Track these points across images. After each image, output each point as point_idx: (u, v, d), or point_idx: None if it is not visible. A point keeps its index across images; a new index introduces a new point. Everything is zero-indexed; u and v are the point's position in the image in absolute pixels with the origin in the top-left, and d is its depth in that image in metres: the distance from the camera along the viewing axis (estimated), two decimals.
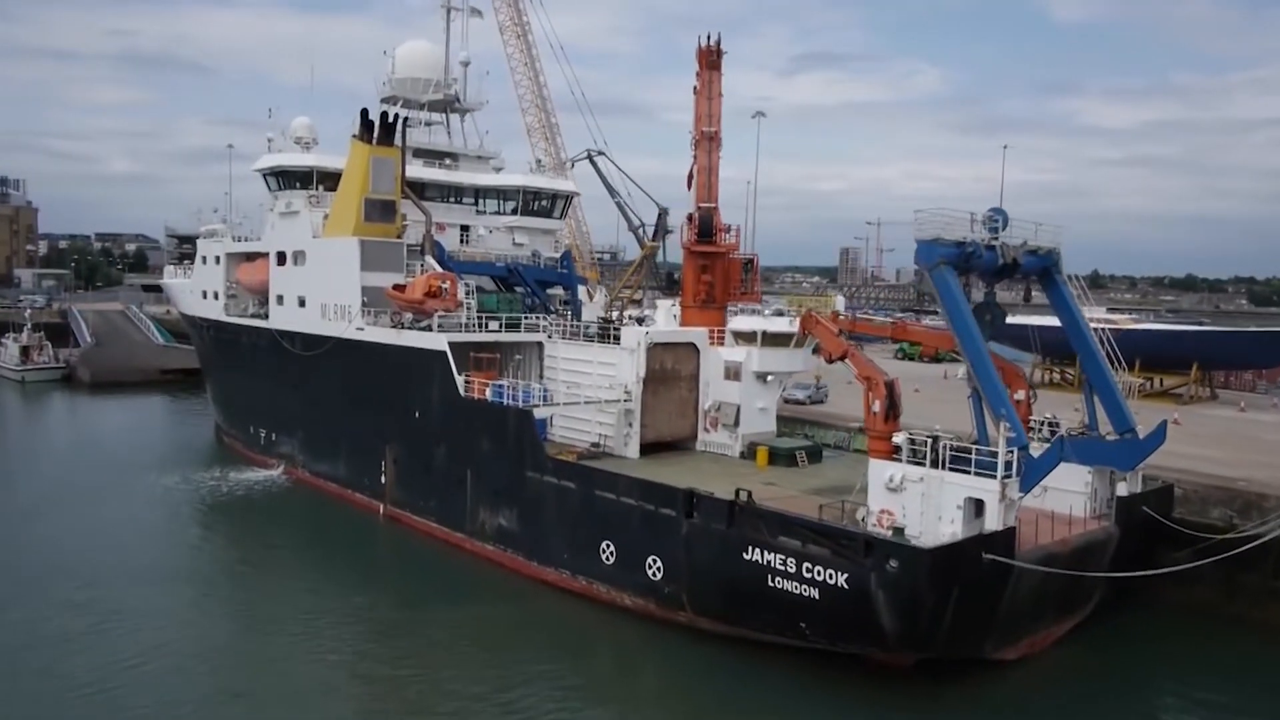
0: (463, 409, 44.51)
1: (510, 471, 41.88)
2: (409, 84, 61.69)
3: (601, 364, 46.46)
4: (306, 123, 60.88)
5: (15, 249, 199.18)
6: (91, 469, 60.83)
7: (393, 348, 49.03)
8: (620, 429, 44.99)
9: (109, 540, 45.05)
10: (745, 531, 32.26)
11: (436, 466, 46.46)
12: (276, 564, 43.43)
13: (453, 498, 45.22)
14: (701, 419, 47.48)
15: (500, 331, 48.59)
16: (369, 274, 52.25)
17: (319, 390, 56.06)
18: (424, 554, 45.50)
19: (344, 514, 51.92)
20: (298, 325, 57.64)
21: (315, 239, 56.67)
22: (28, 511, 49.78)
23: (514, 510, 41.84)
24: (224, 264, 67.61)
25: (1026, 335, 57.62)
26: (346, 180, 53.86)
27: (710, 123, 50.87)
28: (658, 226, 68.99)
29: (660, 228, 67.78)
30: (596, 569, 37.68)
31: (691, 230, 49.18)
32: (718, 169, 50.97)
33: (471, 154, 65.27)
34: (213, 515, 50.99)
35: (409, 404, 48.13)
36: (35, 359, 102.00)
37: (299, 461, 58.38)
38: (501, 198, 63.59)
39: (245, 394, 65.73)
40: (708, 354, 47.29)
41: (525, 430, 41.13)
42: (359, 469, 52.56)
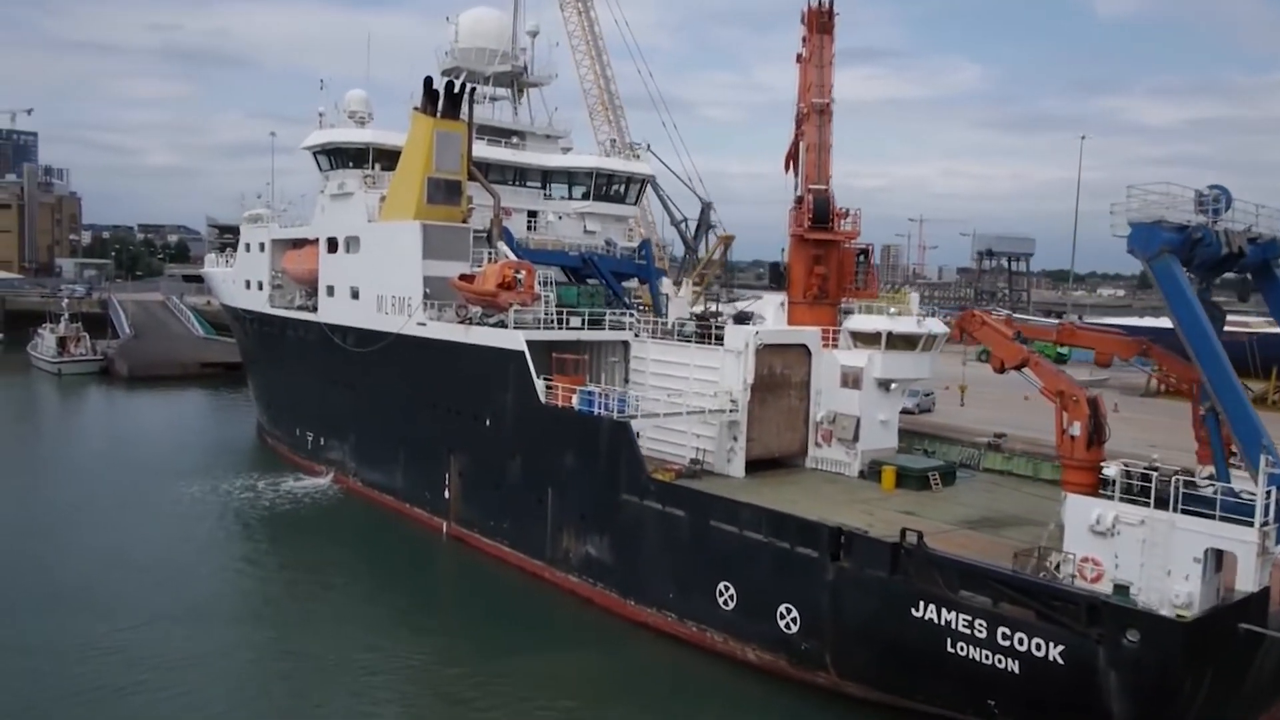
0: (543, 418, 38.55)
1: (601, 493, 35.89)
2: (473, 54, 55.88)
3: (700, 368, 40.40)
4: (362, 96, 55.20)
5: (58, 238, 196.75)
6: (124, 473, 55.73)
7: (460, 346, 43.20)
8: (723, 443, 38.93)
9: (137, 562, 39.65)
10: (914, 582, 26.02)
11: (510, 482, 40.58)
12: (327, 595, 37.68)
13: (530, 520, 39.32)
14: (812, 432, 41.26)
15: (583, 329, 42.54)
16: (431, 262, 46.47)
17: (373, 391, 50.43)
18: (496, 584, 39.67)
19: (402, 532, 46.25)
20: (350, 319, 52.04)
21: (371, 223, 50.99)
22: (52, 523, 44.63)
23: (605, 538, 35.84)
24: (269, 251, 62.25)
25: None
26: (407, 157, 48.09)
27: (822, 93, 44.59)
28: (700, 221, 63.24)
29: (703, 222, 62.10)
30: (712, 614, 31.60)
31: (802, 215, 42.86)
32: (830, 146, 44.74)
33: (539, 132, 59.42)
34: (254, 532, 45.45)
35: (478, 409, 42.27)
36: (72, 350, 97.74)
37: (350, 469, 52.82)
38: (570, 181, 57.72)
39: (291, 393, 60.33)
40: (820, 358, 41.06)
41: (622, 446, 35.07)
42: (419, 481, 46.83)
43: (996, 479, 41.57)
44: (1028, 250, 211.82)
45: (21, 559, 39.16)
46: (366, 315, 50.33)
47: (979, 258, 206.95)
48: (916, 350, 40.75)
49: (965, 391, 54.03)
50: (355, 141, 52.64)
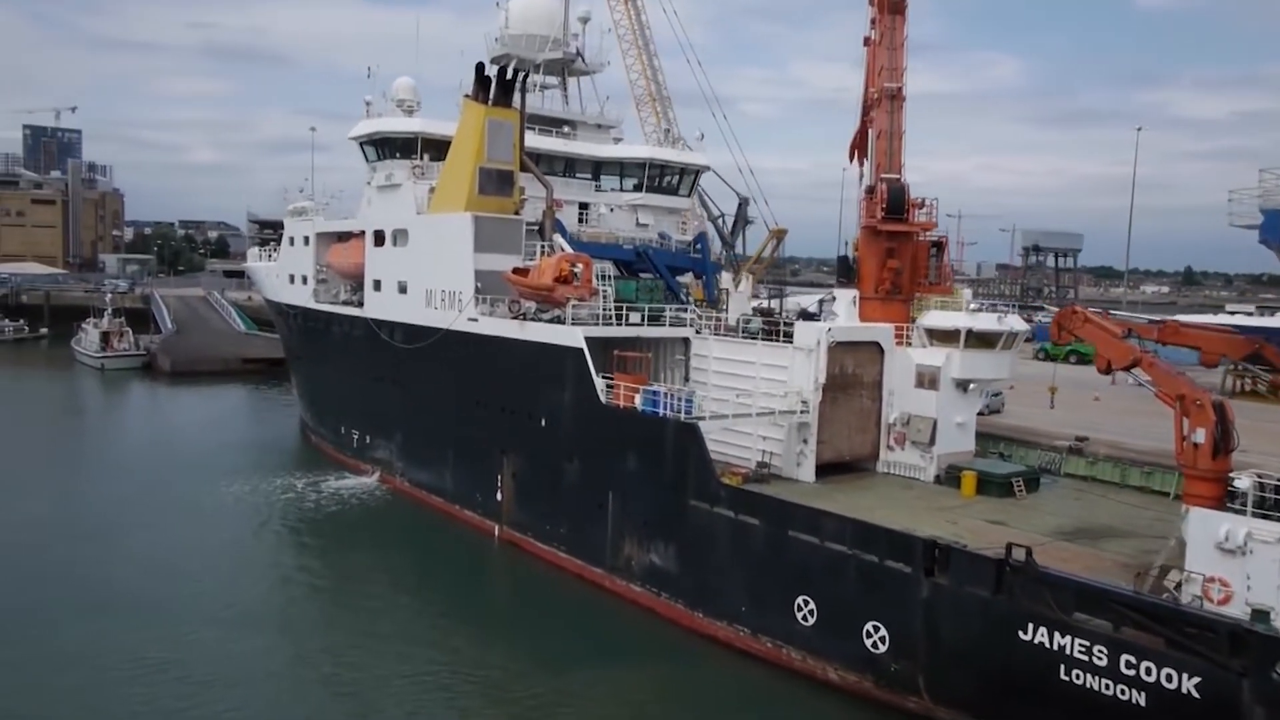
0: (604, 419, 36.65)
1: (667, 498, 33.94)
2: (523, 41, 54.11)
3: (767, 366, 38.31)
4: (410, 84, 53.54)
5: (101, 234, 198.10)
6: (167, 471, 54.58)
7: (514, 342, 41.42)
8: (792, 446, 36.82)
9: (181, 567, 38.17)
10: (1021, 602, 23.79)
11: (567, 486, 38.75)
12: (377, 602, 36.02)
13: (589, 525, 37.48)
14: (884, 434, 39.05)
15: (642, 325, 40.56)
16: (483, 255, 44.75)
17: (422, 389, 48.84)
18: (552, 592, 37.84)
19: (452, 535, 44.58)
20: (398, 314, 50.50)
21: (419, 215, 49.39)
22: (94, 525, 43.30)
23: (671, 546, 33.90)
24: (313, 245, 60.91)
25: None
26: (458, 146, 46.40)
27: (893, 77, 42.32)
28: (738, 217, 61.17)
29: (741, 218, 60.02)
30: (789, 630, 29.55)
31: (874, 205, 40.64)
32: (902, 133, 42.46)
33: (590, 122, 57.60)
34: (300, 535, 43.99)
35: (532, 409, 40.48)
36: (115, 345, 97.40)
37: (397, 469, 51.29)
38: (622, 172, 55.83)
39: (336, 390, 58.96)
40: (893, 356, 38.83)
41: (690, 449, 33.07)
42: (469, 482, 45.15)
43: (1081, 485, 39.14)
44: (1075, 246, 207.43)
45: (65, 563, 37.92)
46: (415, 310, 48.74)
47: (1025, 253, 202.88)
48: (996, 349, 38.46)
49: (1055, 393, 50.08)
50: (404, 131, 51.04)
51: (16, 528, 42.15)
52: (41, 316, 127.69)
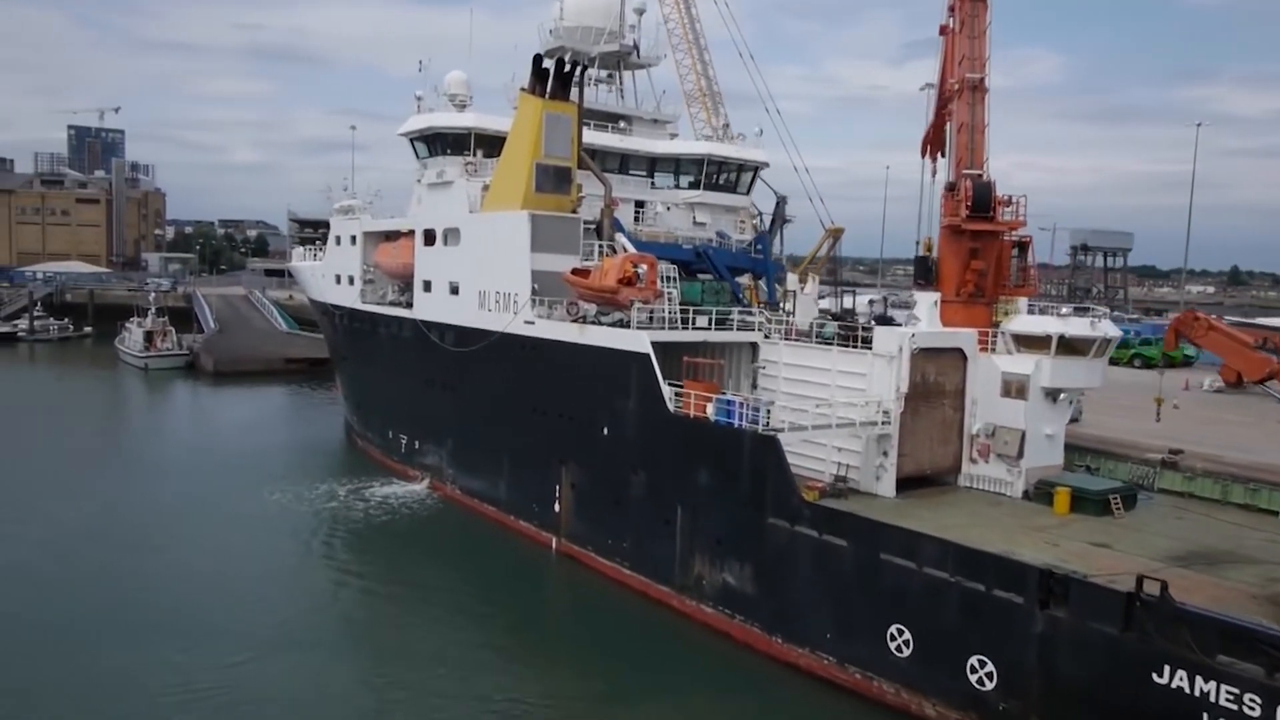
0: (673, 429, 34.66)
1: (743, 515, 31.90)
2: (578, 33, 52.30)
3: (843, 373, 36.15)
4: (462, 78, 51.88)
5: (144, 233, 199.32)
6: (210, 476, 53.35)
7: (574, 347, 39.55)
8: (871, 459, 34.61)
9: (226, 580, 36.76)
10: (1156, 641, 21.50)
11: (632, 499, 36.81)
12: (430, 619, 34.33)
13: (655, 541, 35.54)
14: (967, 446, 36.75)
15: (709, 329, 38.55)
16: (540, 255, 42.94)
17: (474, 393, 47.15)
18: (615, 610, 35.96)
19: (507, 547, 42.80)
20: (449, 316, 48.86)
21: (472, 214, 47.71)
22: (136, 535, 41.97)
23: (747, 566, 31.86)
24: (360, 244, 59.48)
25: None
26: (514, 142, 44.65)
27: (975, 67, 39.99)
28: (775, 216, 59.15)
29: (778, 217, 58.02)
30: (881, 661, 27.41)
31: (956, 203, 38.35)
32: (985, 126, 40.12)
33: (646, 117, 55.73)
34: (348, 545, 42.34)
35: (594, 417, 38.59)
36: (159, 345, 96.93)
37: (448, 476, 49.65)
38: (677, 169, 53.90)
39: (383, 393, 57.49)
40: (977, 363, 36.50)
41: (768, 463, 31.02)
42: (525, 491, 43.37)
43: (1179, 502, 36.54)
44: (1125, 245, 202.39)
45: (111, 576, 36.57)
46: (467, 312, 47.08)
47: (1073, 253, 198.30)
48: (1089, 356, 36.05)
49: (1162, 405, 45.71)
50: (456, 126, 49.41)
51: (63, 537, 41.01)
52: (86, 315, 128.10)
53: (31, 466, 54.16)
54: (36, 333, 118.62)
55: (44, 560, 38.06)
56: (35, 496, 46.84)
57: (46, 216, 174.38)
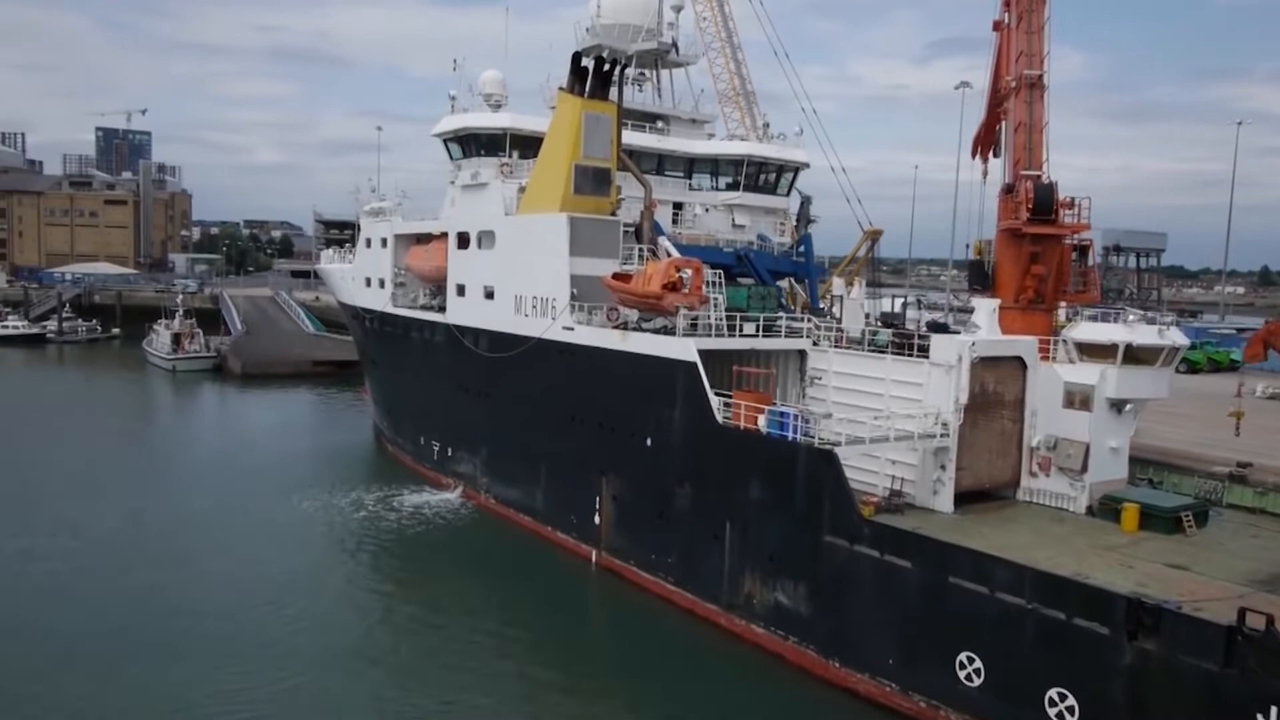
0: (721, 441, 33.30)
1: (797, 532, 30.51)
2: (616, 31, 50.82)
3: (898, 383, 34.70)
4: (498, 77, 50.73)
5: (170, 234, 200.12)
6: (240, 480, 52.52)
7: (615, 354, 38.26)
8: (928, 472, 33.15)
9: (258, 593, 35.74)
10: (1260, 679, 19.96)
11: (677, 512, 35.48)
12: (469, 635, 33.16)
13: (702, 556, 34.21)
14: (1026, 459, 35.21)
15: (756, 336, 37.16)
16: (578, 259, 41.72)
17: (510, 400, 45.96)
18: (660, 627, 34.63)
19: (544, 559, 41.58)
20: (483, 321, 47.72)
21: (508, 216, 46.54)
22: (169, 544, 41.04)
23: (801, 586, 30.46)
24: (392, 247, 58.47)
25: None
26: (552, 142, 43.43)
27: (1033, 64, 38.43)
28: (800, 216, 57.82)
29: (803, 217, 56.73)
30: (949, 690, 25.96)
31: (1015, 205, 36.82)
32: (1043, 125, 38.54)
33: (684, 117, 54.38)
34: (383, 557, 41.16)
35: (636, 427, 37.29)
36: (186, 347, 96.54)
37: (482, 485, 48.50)
38: (715, 170, 52.57)
39: (415, 398, 56.42)
40: (1037, 373, 34.95)
41: (825, 479, 29.61)
42: (563, 503, 42.14)
43: (1250, 519, 34.87)
44: (1159, 246, 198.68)
45: (144, 590, 35.49)
46: (502, 317, 45.91)
47: (1105, 253, 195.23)
48: (1156, 365, 34.45)
49: (1241, 419, 43.15)
50: (492, 127, 48.27)
51: (94, 547, 40.18)
52: (114, 317, 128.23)
53: (62, 472, 53.46)
54: (65, 334, 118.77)
55: (76, 572, 37.21)
56: (67, 505, 45.99)
57: (75, 218, 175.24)
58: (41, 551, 39.28)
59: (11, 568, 37.61)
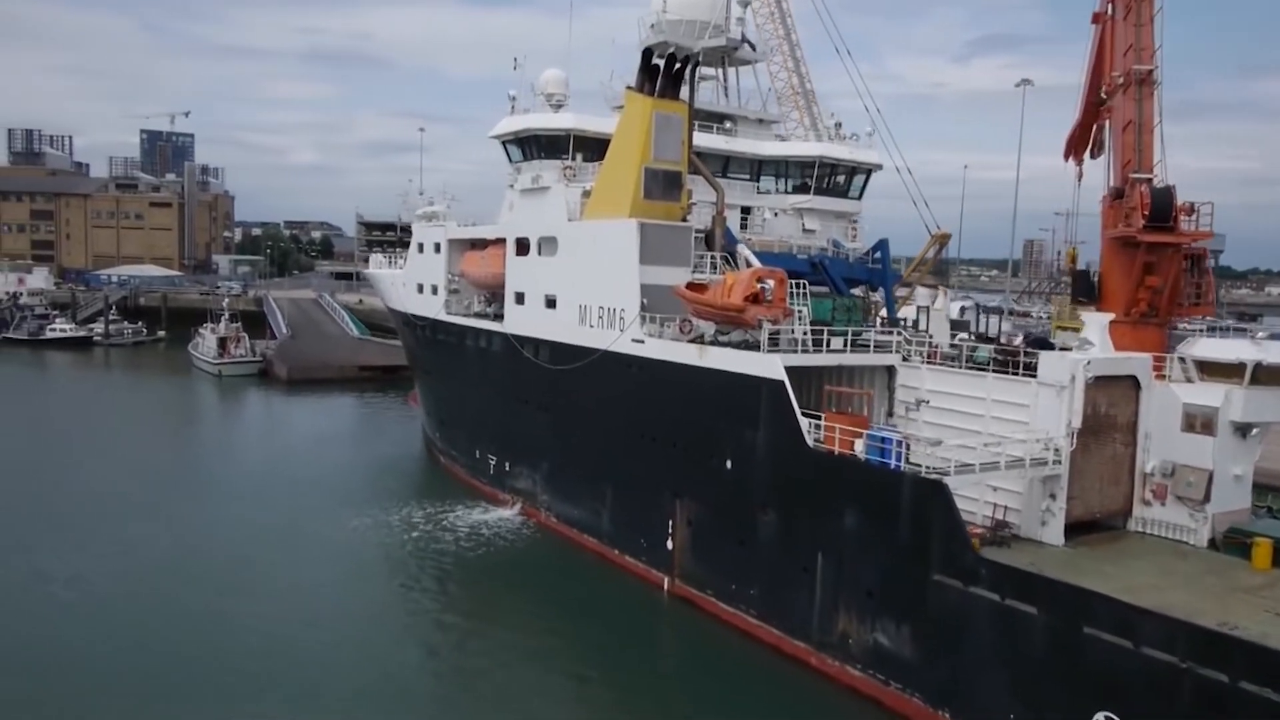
0: (812, 466, 30.86)
1: (901, 569, 28.03)
2: (682, 27, 48.44)
3: (999, 403, 32.09)
4: (560, 76, 48.63)
5: (214, 235, 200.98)
6: (288, 495, 50.73)
7: (691, 369, 35.93)
8: (1035, 502, 30.46)
9: (315, 621, 33.88)
10: None
11: (761, 541, 33.09)
12: (536, 667, 31.21)
13: (789, 589, 31.80)
14: (1138, 486, 32.42)
15: (845, 351, 34.69)
16: (648, 268, 39.49)
17: (573, 414, 43.83)
18: (741, 664, 32.24)
19: (611, 585, 39.35)
20: (545, 331, 45.62)
21: (571, 222, 44.42)
22: (212, 566, 39.20)
23: (905, 627, 27.97)
24: (445, 252, 56.60)
25: None
26: (620, 144, 41.25)
27: (1142, 58, 35.62)
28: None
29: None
30: None
31: (1128, 211, 34.04)
32: (1154, 125, 35.71)
33: (751, 117, 51.98)
34: (441, 581, 38.98)
35: (715, 448, 34.94)
36: (232, 352, 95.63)
37: (542, 502, 46.42)
38: (780, 172, 50.23)
39: (470, 409, 54.48)
40: (1151, 393, 32.13)
41: (934, 512, 27.10)
42: (632, 525, 39.92)
43: None
44: (1218, 247, 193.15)
45: (186, 620, 33.58)
46: (565, 328, 43.78)
47: None
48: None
49: None
50: (555, 128, 46.17)
51: (144, 572, 38.23)
52: (159, 319, 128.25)
53: (113, 486, 52.04)
54: (111, 337, 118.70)
55: (124, 598, 35.47)
56: (118, 524, 44.34)
57: (121, 220, 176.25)
58: (91, 574, 37.71)
59: (64, 592, 36.12)
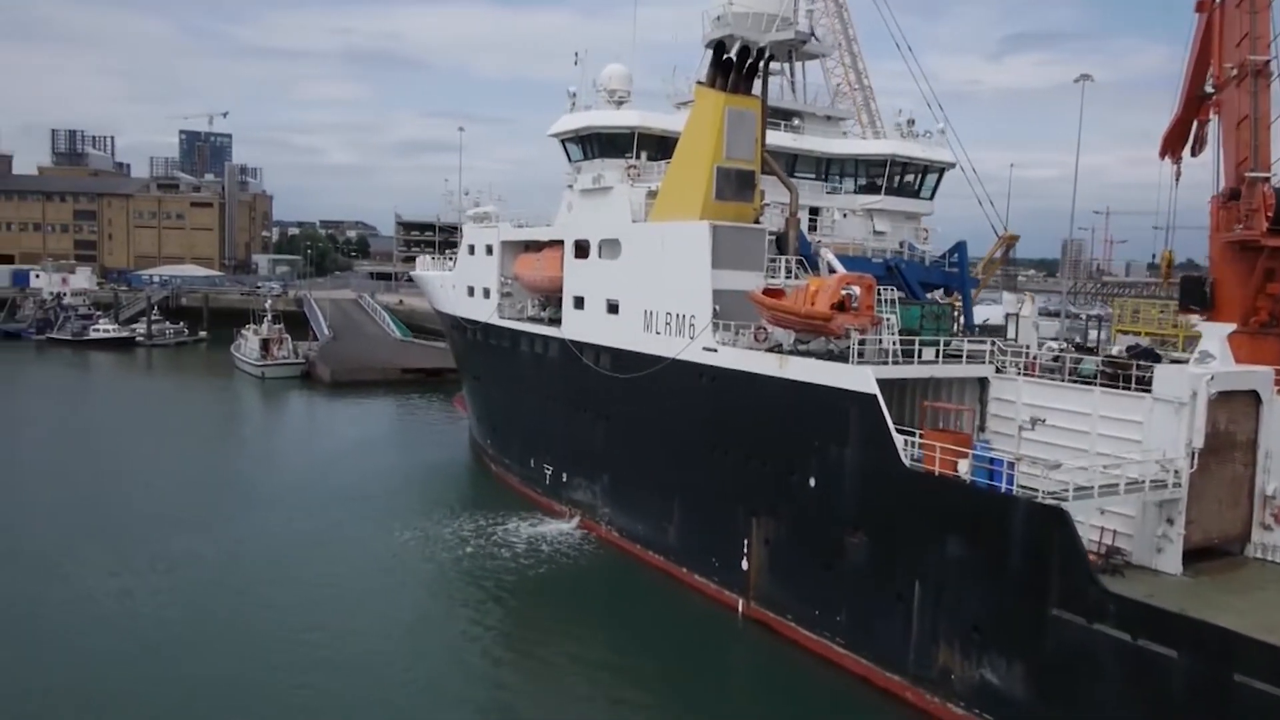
0: (908, 487, 28.75)
1: (1012, 601, 25.88)
2: (749, 20, 46.38)
3: (1108, 419, 29.85)
4: (623, 72, 46.71)
5: (253, 235, 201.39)
6: (332, 504, 48.99)
7: (769, 380, 33.92)
8: (1150, 527, 28.21)
9: (367, 645, 32.30)
10: None
11: (849, 564, 31.00)
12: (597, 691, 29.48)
13: (880, 617, 29.71)
14: (1258, 508, 30.04)
15: (937, 362, 32.53)
16: (720, 273, 37.52)
17: (636, 425, 41.95)
18: (827, 696, 30.28)
19: (681, 604, 37.46)
20: (606, 337, 43.80)
21: (636, 224, 42.55)
22: (260, 581, 37.71)
23: (1017, 665, 25.80)
24: (498, 254, 54.94)
25: None
26: (690, 142, 39.33)
27: (1258, 48, 33.17)
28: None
29: None
30: None
31: (1247, 213, 31.60)
32: (1270, 120, 33.23)
33: (819, 113, 49.84)
34: (501, 600, 37.22)
35: (797, 464, 32.90)
36: (275, 354, 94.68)
37: (602, 515, 44.58)
38: (846, 171, 48.11)
39: (524, 416, 52.73)
40: (1273, 409, 29.75)
41: (1052, 541, 24.90)
42: (703, 542, 37.98)
43: None
44: None
45: (232, 641, 32.16)
46: (629, 334, 41.92)
47: None
48: None
49: None
50: (619, 125, 44.33)
51: (189, 588, 36.71)
52: (200, 319, 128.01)
53: (155, 495, 50.73)
54: (154, 337, 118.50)
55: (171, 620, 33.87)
56: (164, 536, 42.85)
57: (162, 220, 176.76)
58: (138, 590, 36.31)
59: (112, 605, 34.82)
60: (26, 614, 33.84)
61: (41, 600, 35.12)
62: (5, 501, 49.39)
